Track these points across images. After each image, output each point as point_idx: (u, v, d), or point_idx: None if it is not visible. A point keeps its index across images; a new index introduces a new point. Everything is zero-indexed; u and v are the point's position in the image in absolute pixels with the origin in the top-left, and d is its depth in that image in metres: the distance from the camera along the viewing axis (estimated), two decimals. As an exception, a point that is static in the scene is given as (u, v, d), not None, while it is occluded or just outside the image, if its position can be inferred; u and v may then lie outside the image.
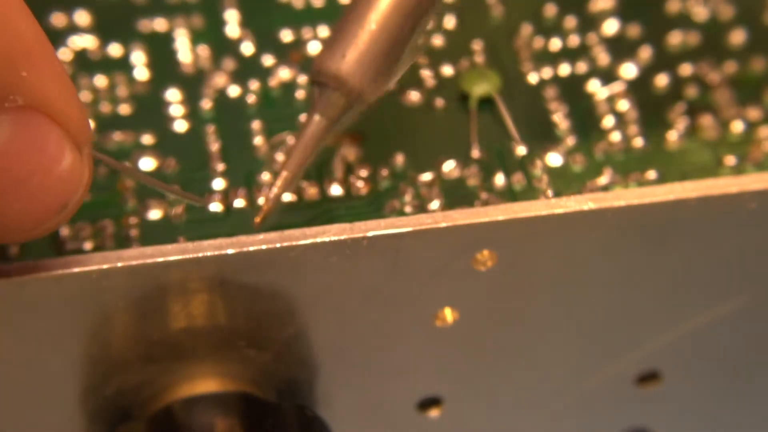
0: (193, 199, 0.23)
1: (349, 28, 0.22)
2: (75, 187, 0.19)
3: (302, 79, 0.26)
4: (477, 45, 0.27)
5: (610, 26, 0.27)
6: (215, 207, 0.23)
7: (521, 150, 0.25)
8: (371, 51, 0.22)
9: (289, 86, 0.26)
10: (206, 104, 0.25)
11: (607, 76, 0.26)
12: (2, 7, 0.18)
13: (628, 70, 0.26)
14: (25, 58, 0.18)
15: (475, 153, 0.25)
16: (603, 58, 0.27)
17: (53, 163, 0.19)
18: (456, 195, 0.24)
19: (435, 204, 0.24)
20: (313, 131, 0.22)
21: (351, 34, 0.22)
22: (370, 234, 0.21)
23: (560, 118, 0.25)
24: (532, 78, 0.26)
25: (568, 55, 0.27)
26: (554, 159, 0.25)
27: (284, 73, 0.26)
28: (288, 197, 0.24)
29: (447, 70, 0.26)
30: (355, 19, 0.22)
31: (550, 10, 0.27)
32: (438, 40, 0.27)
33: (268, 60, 0.26)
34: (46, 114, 0.19)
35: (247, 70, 0.26)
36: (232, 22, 0.27)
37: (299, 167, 0.22)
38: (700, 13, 0.28)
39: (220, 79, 0.25)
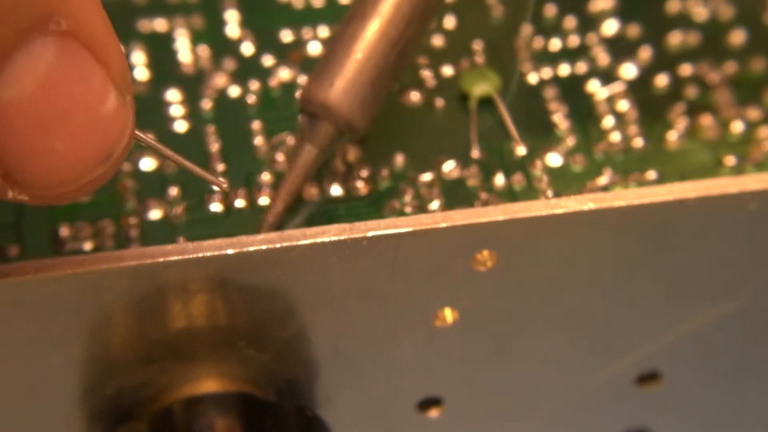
0: (216, 182, 0.22)
1: (336, 58, 0.23)
2: (120, 134, 0.18)
3: (302, 79, 0.26)
4: (477, 45, 0.27)
5: (610, 26, 0.27)
6: (215, 207, 0.23)
7: (521, 150, 0.25)
8: (358, 80, 0.22)
9: (289, 86, 0.26)
10: (206, 104, 0.25)
11: (607, 76, 0.26)
12: None
13: (628, 70, 0.26)
14: None
15: (475, 153, 0.25)
16: (603, 58, 0.27)
17: (98, 101, 0.17)
18: (456, 195, 0.24)
19: (435, 204, 0.24)
20: (305, 160, 0.23)
21: (338, 63, 0.23)
22: (370, 234, 0.21)
23: (560, 118, 0.25)
24: (532, 78, 0.26)
25: (568, 55, 0.27)
26: (554, 159, 0.25)
27: (284, 73, 0.26)
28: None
29: (447, 70, 0.26)
30: (342, 48, 0.23)
31: (550, 10, 0.27)
32: (438, 40, 0.27)
33: (268, 60, 0.26)
34: (90, 49, 0.17)
35: (247, 70, 0.26)
36: (232, 22, 0.27)
37: (292, 196, 0.23)
38: (700, 13, 0.28)
39: (220, 79, 0.25)
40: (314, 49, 0.26)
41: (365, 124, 0.23)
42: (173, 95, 0.25)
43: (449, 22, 0.27)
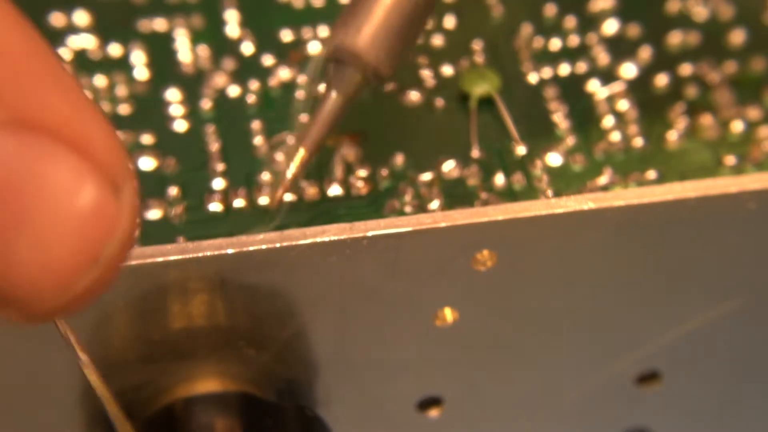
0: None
1: (364, 4, 0.22)
2: (105, 233, 0.15)
3: (302, 79, 0.26)
4: (477, 45, 0.27)
5: (610, 26, 0.27)
6: (215, 207, 0.23)
7: (521, 150, 0.25)
8: (386, 26, 0.22)
9: (289, 86, 0.26)
10: (206, 104, 0.25)
11: (607, 76, 0.26)
12: None
13: (628, 70, 0.26)
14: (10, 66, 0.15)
15: (475, 153, 0.25)
16: (603, 58, 0.27)
17: (66, 199, 0.15)
18: (456, 195, 0.24)
19: (435, 204, 0.24)
20: (330, 108, 0.22)
21: (366, 9, 0.22)
22: (370, 234, 0.21)
23: (560, 118, 0.25)
24: (532, 78, 0.26)
25: (568, 55, 0.27)
26: (554, 159, 0.25)
27: (284, 73, 0.26)
28: (288, 197, 0.24)
29: (447, 70, 0.26)
30: None
31: (550, 10, 0.27)
32: (438, 40, 0.27)
33: (268, 60, 0.26)
34: (56, 136, 0.15)
35: (247, 70, 0.26)
36: (232, 22, 0.27)
37: (316, 145, 0.22)
38: (700, 13, 0.28)
39: (220, 79, 0.25)
40: (314, 49, 0.26)
41: (391, 72, 0.22)
42: (173, 95, 0.25)
43: (449, 22, 0.27)
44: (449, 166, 0.24)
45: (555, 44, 0.27)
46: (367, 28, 0.22)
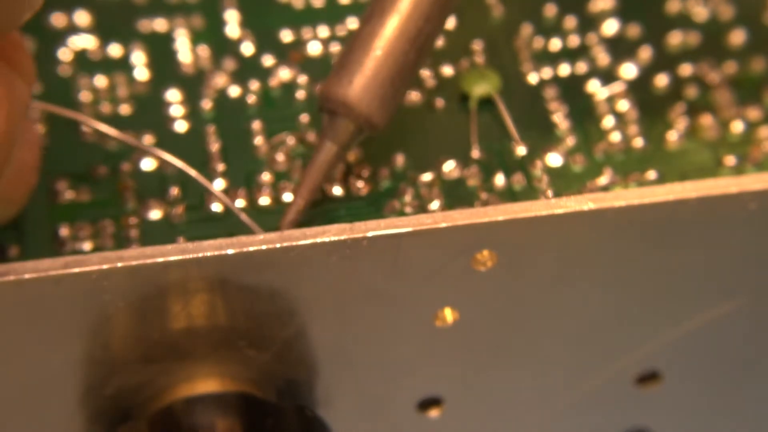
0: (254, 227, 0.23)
1: (355, 55, 0.23)
2: None
3: (302, 79, 0.26)
4: (477, 45, 0.27)
5: (610, 26, 0.27)
6: (215, 207, 0.24)
7: (521, 150, 0.25)
8: (378, 77, 0.22)
9: (289, 86, 0.26)
10: (206, 104, 0.25)
11: (607, 76, 0.26)
12: None
13: (628, 70, 0.26)
14: None
15: (475, 153, 0.25)
16: (603, 58, 0.27)
17: None
18: (456, 195, 0.24)
19: (435, 204, 0.24)
20: (325, 158, 0.23)
21: (357, 61, 0.22)
22: (370, 234, 0.21)
23: (560, 118, 0.25)
24: (532, 78, 0.26)
25: (568, 55, 0.27)
26: (554, 159, 0.25)
27: (284, 73, 0.26)
28: (290, 197, 0.24)
29: (447, 70, 0.26)
30: (361, 45, 0.23)
31: (550, 10, 0.27)
32: (438, 40, 0.27)
33: (268, 60, 0.26)
34: None
35: (247, 70, 0.26)
36: (232, 22, 0.27)
37: (312, 193, 0.22)
38: (700, 13, 0.28)
39: (220, 79, 0.25)
40: (314, 49, 0.26)
41: (385, 121, 0.23)
42: (173, 95, 0.25)
43: (449, 22, 0.27)
44: (449, 167, 0.24)
45: (555, 44, 0.27)
46: (358, 79, 0.22)
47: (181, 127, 0.25)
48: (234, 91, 0.25)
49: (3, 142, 0.18)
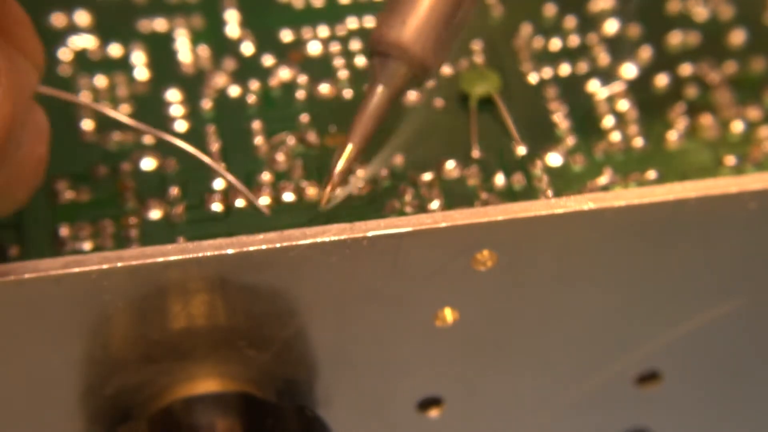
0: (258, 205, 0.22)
1: None
2: None
3: (302, 79, 0.26)
4: (477, 45, 0.27)
5: (610, 26, 0.27)
6: (215, 207, 0.23)
7: (521, 150, 0.25)
8: (431, 18, 0.22)
9: (289, 86, 0.26)
10: (206, 104, 0.25)
11: (607, 76, 0.26)
12: None
13: (628, 70, 0.26)
14: None
15: (475, 153, 0.25)
16: (603, 58, 0.27)
17: None
18: (456, 195, 0.24)
19: (435, 204, 0.24)
20: (377, 102, 0.22)
21: (409, 2, 0.22)
22: (370, 234, 0.21)
23: (560, 118, 0.25)
24: (532, 78, 0.26)
25: (568, 55, 0.27)
26: (554, 159, 0.25)
27: (284, 73, 0.26)
28: (290, 197, 0.24)
29: (447, 70, 0.26)
30: None
31: (550, 10, 0.27)
32: (438, 40, 0.27)
33: (268, 60, 0.26)
34: None
35: (247, 70, 0.26)
36: (232, 22, 0.27)
37: (364, 140, 0.22)
38: (700, 13, 0.28)
39: (220, 79, 0.25)
40: (314, 49, 0.26)
41: (438, 66, 0.22)
42: (173, 95, 0.25)
43: (449, 22, 0.27)
44: (449, 166, 0.24)
45: (555, 44, 0.27)
46: (412, 20, 0.22)
47: (181, 127, 0.25)
48: (234, 91, 0.25)
49: (3, 124, 0.17)
